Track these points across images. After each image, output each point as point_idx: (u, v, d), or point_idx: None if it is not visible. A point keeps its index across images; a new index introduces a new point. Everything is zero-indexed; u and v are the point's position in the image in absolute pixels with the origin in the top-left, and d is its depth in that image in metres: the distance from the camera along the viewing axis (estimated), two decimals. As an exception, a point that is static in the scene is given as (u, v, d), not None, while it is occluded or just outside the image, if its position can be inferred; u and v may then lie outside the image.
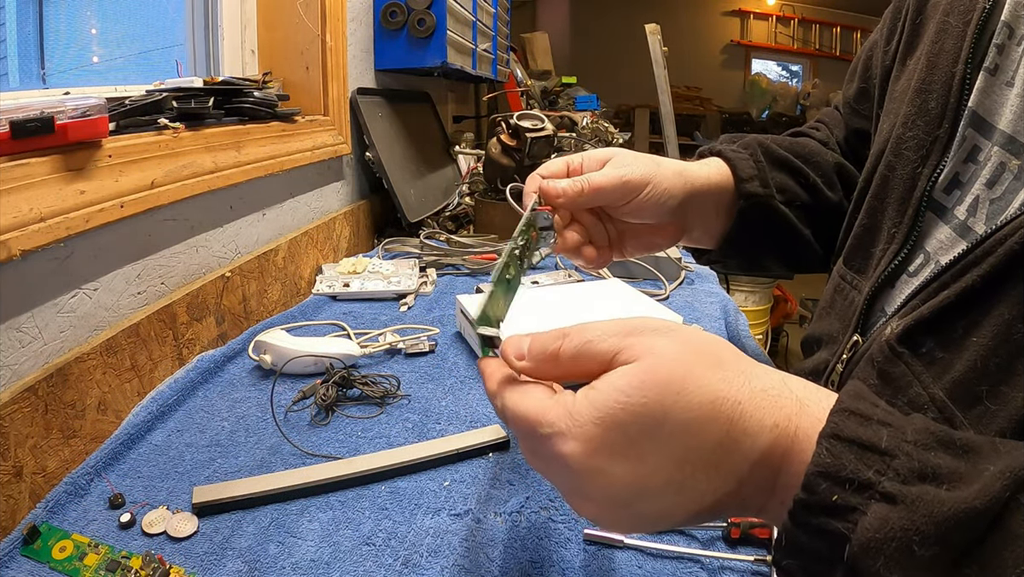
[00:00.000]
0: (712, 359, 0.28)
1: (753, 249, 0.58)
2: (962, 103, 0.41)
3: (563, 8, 5.46)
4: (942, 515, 0.22)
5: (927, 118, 0.43)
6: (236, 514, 0.44)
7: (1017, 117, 0.37)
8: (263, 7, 0.96)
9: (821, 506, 0.24)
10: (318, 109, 0.99)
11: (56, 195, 0.48)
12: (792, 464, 0.26)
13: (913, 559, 0.22)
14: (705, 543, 0.43)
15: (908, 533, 0.22)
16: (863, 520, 0.23)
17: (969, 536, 0.21)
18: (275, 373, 0.62)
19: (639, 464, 0.26)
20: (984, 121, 0.40)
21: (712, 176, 0.54)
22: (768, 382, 0.27)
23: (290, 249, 0.87)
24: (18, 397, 0.45)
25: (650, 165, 0.50)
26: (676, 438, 0.26)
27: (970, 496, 0.22)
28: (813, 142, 0.60)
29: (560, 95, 2.59)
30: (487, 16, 1.71)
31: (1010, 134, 0.38)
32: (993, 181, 0.38)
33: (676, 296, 0.93)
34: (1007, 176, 0.37)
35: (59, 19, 0.70)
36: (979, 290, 0.34)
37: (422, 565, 0.40)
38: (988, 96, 0.40)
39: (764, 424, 0.26)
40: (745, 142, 0.58)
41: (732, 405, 0.26)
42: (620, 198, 0.49)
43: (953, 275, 0.36)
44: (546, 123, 1.15)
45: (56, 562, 0.38)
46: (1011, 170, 0.37)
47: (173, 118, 0.64)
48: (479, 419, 0.57)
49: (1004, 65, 0.39)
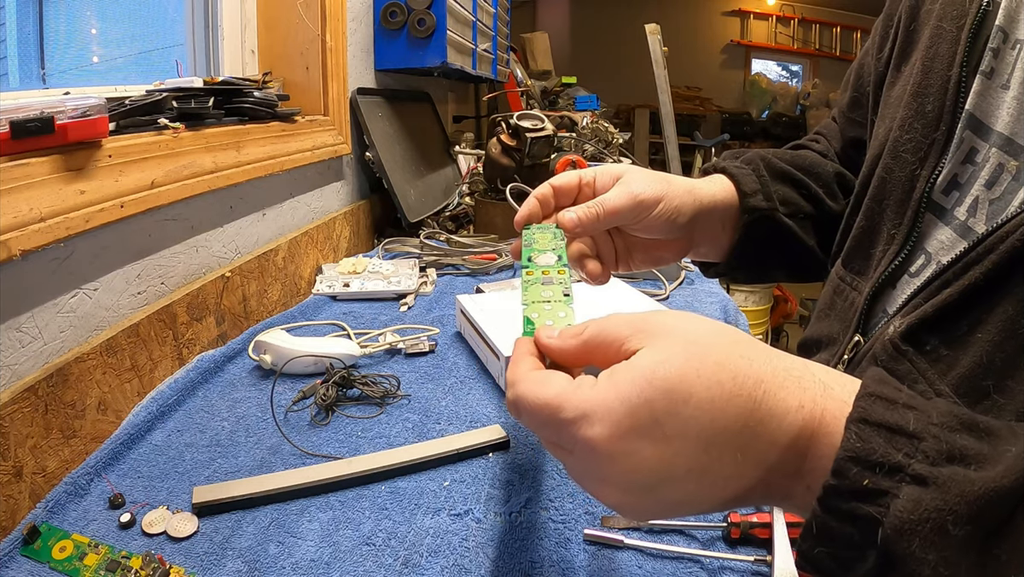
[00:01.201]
0: (731, 339, 0.28)
1: (759, 262, 0.59)
2: (959, 106, 0.42)
3: (563, 8, 5.46)
4: (973, 494, 0.22)
5: (924, 121, 0.43)
6: (236, 514, 0.44)
7: (1014, 119, 0.38)
8: (263, 7, 0.96)
9: (852, 491, 0.24)
10: (318, 109, 0.99)
11: (56, 195, 0.48)
12: (819, 448, 0.26)
13: (948, 539, 0.22)
14: (705, 543, 0.43)
15: (942, 513, 0.22)
16: (895, 503, 0.23)
17: (999, 515, 0.22)
18: (275, 373, 0.62)
19: (664, 445, 0.26)
20: (981, 123, 0.41)
21: (718, 193, 0.55)
22: (790, 362, 0.27)
23: (290, 249, 0.87)
24: (18, 397, 0.45)
25: (661, 183, 0.51)
26: (700, 417, 0.26)
27: (997, 476, 0.22)
28: (813, 154, 0.61)
29: (560, 95, 2.59)
30: (487, 16, 1.71)
31: (1007, 136, 0.38)
32: (992, 182, 0.39)
33: (676, 296, 0.93)
34: (1006, 177, 0.38)
35: (59, 19, 0.70)
36: (981, 287, 0.34)
37: (422, 565, 0.40)
38: (984, 99, 0.41)
39: (789, 405, 0.26)
40: (747, 158, 0.59)
41: (755, 383, 0.26)
42: (633, 218, 0.49)
43: (955, 273, 0.36)
44: (546, 123, 1.15)
45: (56, 562, 0.38)
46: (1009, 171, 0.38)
47: (173, 118, 0.64)
48: (479, 419, 0.57)
49: (999, 68, 0.40)
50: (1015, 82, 0.39)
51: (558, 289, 0.38)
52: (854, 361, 0.44)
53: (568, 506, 0.46)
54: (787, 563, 0.39)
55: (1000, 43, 0.40)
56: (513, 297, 0.76)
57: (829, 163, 0.60)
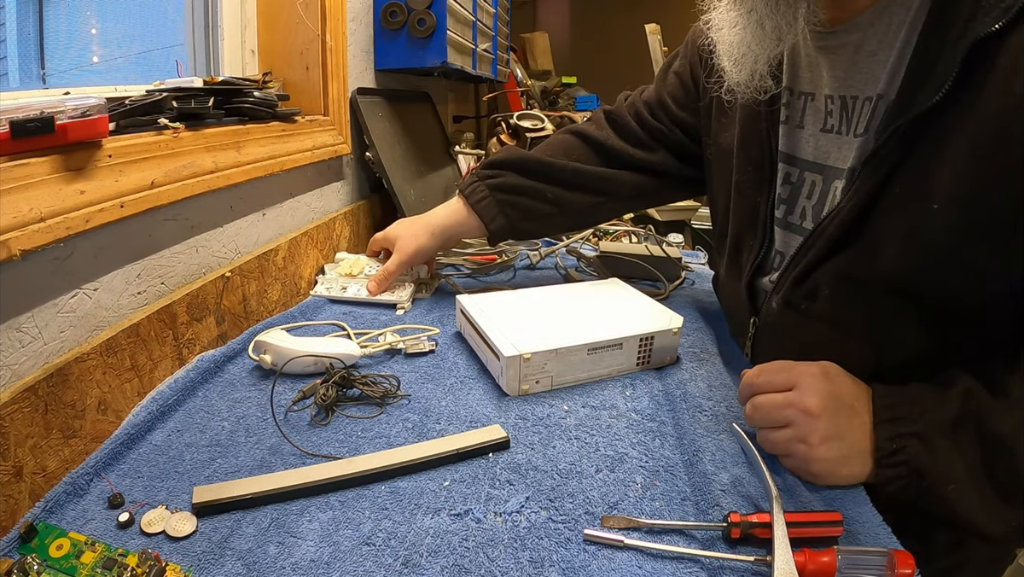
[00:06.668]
0: None
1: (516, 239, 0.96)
2: (774, 148, 0.62)
3: (563, 8, 5.46)
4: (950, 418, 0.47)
5: (753, 164, 0.64)
6: (236, 514, 0.44)
7: (812, 149, 0.59)
8: (263, 7, 0.96)
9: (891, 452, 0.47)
10: (318, 109, 0.99)
11: (56, 195, 0.48)
12: None
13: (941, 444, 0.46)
14: (705, 543, 0.43)
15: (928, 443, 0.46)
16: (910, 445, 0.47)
17: None
18: (275, 373, 0.62)
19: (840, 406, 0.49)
20: (793, 156, 0.62)
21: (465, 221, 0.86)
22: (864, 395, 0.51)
23: (290, 249, 0.87)
24: (18, 397, 0.45)
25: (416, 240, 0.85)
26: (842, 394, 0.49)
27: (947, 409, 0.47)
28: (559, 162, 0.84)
29: (560, 95, 2.59)
30: (487, 16, 1.71)
31: (811, 160, 0.59)
32: (810, 194, 0.60)
33: (676, 296, 0.93)
34: (816, 188, 0.59)
35: (59, 19, 0.70)
36: (817, 261, 0.55)
37: (422, 565, 0.40)
38: (789, 139, 0.62)
39: None
40: (496, 184, 0.84)
41: None
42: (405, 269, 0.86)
43: (800, 256, 0.58)
44: (546, 123, 1.15)
45: (53, 560, 0.38)
46: (817, 184, 0.59)
47: (173, 118, 0.64)
48: (479, 419, 0.57)
49: (792, 115, 0.61)
50: (807, 123, 0.59)
51: None
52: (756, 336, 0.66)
53: (568, 506, 0.46)
54: (787, 563, 0.39)
55: (789, 97, 0.61)
56: (513, 297, 0.75)
57: (567, 164, 0.84)
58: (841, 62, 0.54)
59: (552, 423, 0.57)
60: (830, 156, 0.57)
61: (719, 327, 0.81)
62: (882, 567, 0.40)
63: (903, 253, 0.49)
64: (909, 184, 0.48)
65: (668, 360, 0.69)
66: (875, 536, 0.44)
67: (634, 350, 0.66)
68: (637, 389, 0.64)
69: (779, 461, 0.51)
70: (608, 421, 0.58)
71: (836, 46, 0.55)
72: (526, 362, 0.61)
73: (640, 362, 0.67)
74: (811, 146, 0.59)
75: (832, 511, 0.44)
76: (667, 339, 0.68)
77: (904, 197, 0.48)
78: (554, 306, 0.73)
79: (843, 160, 0.55)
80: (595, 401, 0.61)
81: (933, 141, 0.46)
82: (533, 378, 0.62)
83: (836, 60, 0.55)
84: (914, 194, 0.48)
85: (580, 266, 1.04)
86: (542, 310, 0.71)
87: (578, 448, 0.53)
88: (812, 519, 0.43)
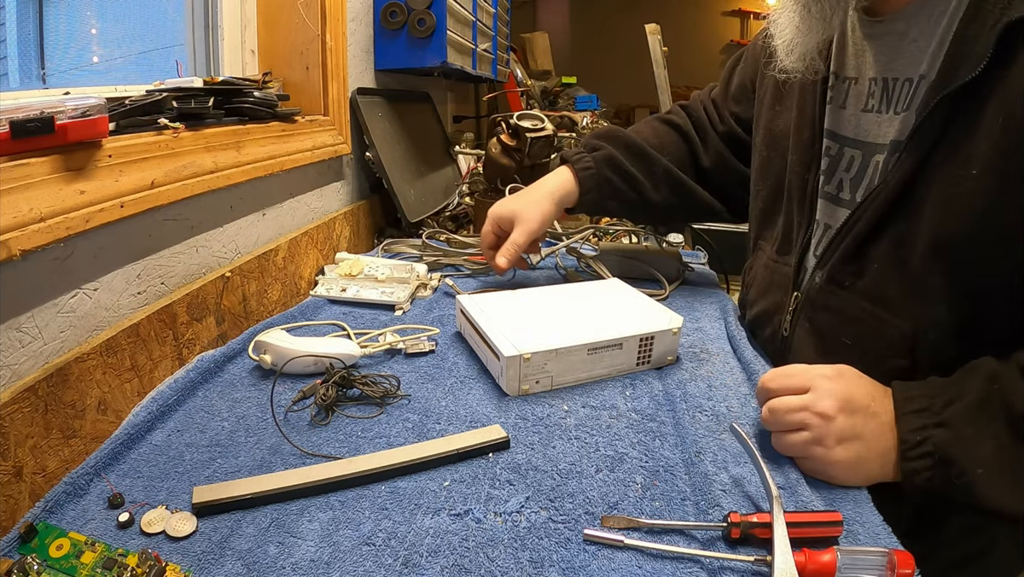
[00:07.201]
0: None
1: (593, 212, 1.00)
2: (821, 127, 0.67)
3: (563, 8, 5.46)
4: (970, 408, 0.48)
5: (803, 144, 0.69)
6: (236, 514, 0.44)
7: (853, 127, 0.64)
8: (263, 7, 0.96)
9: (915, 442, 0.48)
10: (318, 109, 0.99)
11: (56, 195, 0.48)
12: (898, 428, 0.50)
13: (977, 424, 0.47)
14: (705, 543, 0.43)
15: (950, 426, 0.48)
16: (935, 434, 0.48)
17: None
18: (275, 373, 0.62)
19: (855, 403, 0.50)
20: (835, 133, 0.66)
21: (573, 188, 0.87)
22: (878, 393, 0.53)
23: (290, 249, 0.87)
24: (18, 397, 0.45)
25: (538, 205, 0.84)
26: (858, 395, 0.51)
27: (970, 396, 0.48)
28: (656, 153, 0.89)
29: (560, 95, 2.59)
30: (487, 16, 1.71)
31: (852, 137, 0.64)
32: (848, 167, 0.64)
33: (676, 296, 0.93)
34: (855, 162, 0.63)
35: (59, 19, 0.71)
36: (866, 236, 0.58)
37: (422, 565, 0.40)
38: (833, 118, 0.66)
39: None
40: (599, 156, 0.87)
41: None
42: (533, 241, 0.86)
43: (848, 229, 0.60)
44: (546, 123, 1.15)
45: (53, 560, 0.38)
46: (856, 158, 0.63)
47: (173, 118, 0.64)
48: (479, 419, 0.57)
49: (836, 97, 0.66)
50: (850, 104, 0.64)
51: None
52: (797, 310, 0.67)
53: (568, 506, 0.46)
54: (787, 563, 0.39)
55: (834, 80, 0.66)
56: (513, 297, 0.75)
57: (662, 160, 0.89)
58: (885, 48, 0.59)
59: (552, 423, 0.57)
60: (870, 133, 0.61)
61: (718, 327, 0.81)
62: (882, 567, 0.40)
63: (943, 218, 0.52)
64: (949, 154, 0.51)
65: (668, 360, 0.69)
66: (875, 536, 0.44)
67: (634, 350, 0.66)
68: (637, 389, 0.64)
69: (797, 464, 0.51)
70: (608, 421, 0.58)
71: (882, 33, 0.60)
72: (526, 362, 0.61)
73: (640, 362, 0.68)
74: (852, 124, 0.63)
75: (832, 511, 0.44)
76: (667, 339, 0.68)
77: (946, 166, 0.52)
78: (554, 306, 0.73)
79: (883, 136, 0.59)
80: (595, 401, 0.61)
81: (971, 114, 0.50)
82: (533, 378, 0.62)
83: (881, 46, 0.60)
84: (954, 163, 0.51)
85: (580, 266, 1.04)
86: (542, 310, 0.71)
87: (578, 448, 0.53)
88: (812, 519, 0.43)
